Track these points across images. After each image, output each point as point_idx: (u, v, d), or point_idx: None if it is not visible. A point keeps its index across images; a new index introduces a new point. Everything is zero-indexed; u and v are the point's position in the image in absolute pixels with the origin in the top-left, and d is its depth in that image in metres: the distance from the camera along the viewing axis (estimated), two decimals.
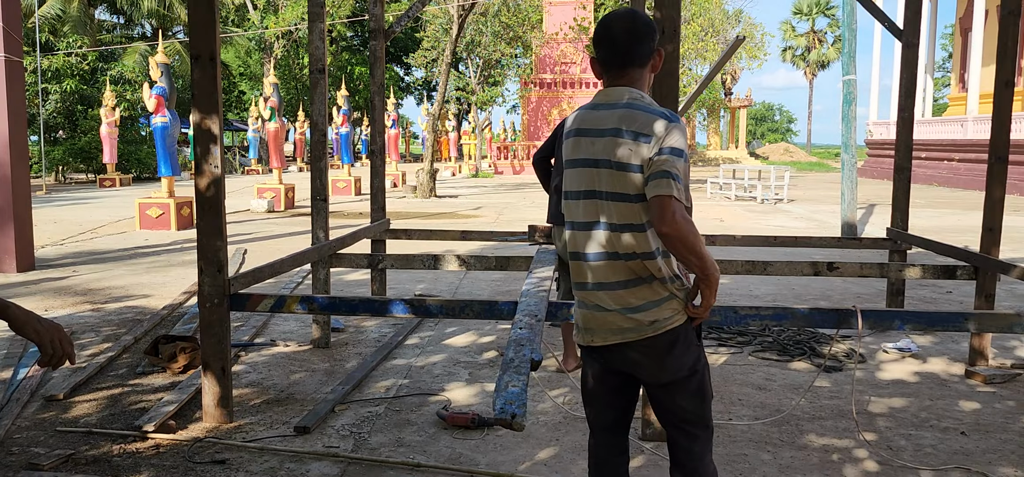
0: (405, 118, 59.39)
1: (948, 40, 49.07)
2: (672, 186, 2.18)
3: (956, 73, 29.25)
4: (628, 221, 2.28)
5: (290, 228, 12.98)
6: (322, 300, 4.08)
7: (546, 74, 34.53)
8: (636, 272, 2.31)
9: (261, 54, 39.14)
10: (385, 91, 27.03)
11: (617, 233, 2.30)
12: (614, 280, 2.34)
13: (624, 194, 2.27)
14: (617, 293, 2.34)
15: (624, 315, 2.33)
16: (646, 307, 2.32)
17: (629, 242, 2.29)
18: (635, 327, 2.33)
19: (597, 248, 2.35)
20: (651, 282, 2.31)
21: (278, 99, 17.44)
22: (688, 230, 2.20)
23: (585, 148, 2.35)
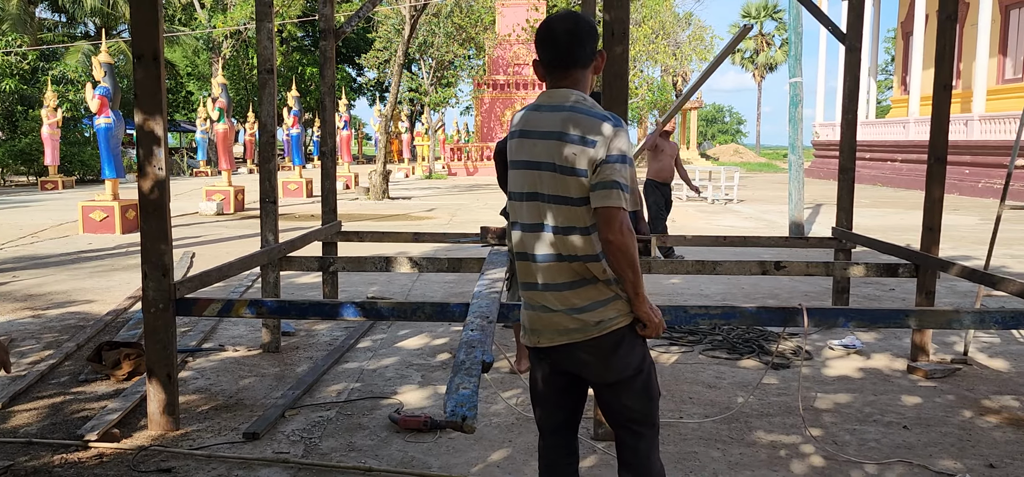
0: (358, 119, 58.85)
1: (891, 43, 50.36)
2: (621, 197, 2.21)
3: (898, 76, 30.04)
4: (572, 224, 2.29)
5: (240, 230, 12.77)
6: (271, 304, 4.02)
7: (499, 75, 34.55)
8: (580, 273, 2.33)
9: (209, 54, 38.45)
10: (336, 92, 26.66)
11: (562, 235, 2.31)
12: (560, 281, 2.35)
13: (568, 197, 2.27)
14: (563, 294, 2.35)
15: (570, 316, 2.35)
16: (591, 307, 2.33)
17: (574, 244, 2.30)
18: (581, 328, 2.34)
19: (543, 249, 2.36)
20: (595, 283, 2.33)
21: (227, 100, 17.15)
22: (632, 243, 2.25)
23: (527, 150, 2.35)
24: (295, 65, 42.31)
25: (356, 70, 52.33)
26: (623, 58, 3.73)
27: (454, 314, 3.87)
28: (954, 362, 5.19)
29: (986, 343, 5.71)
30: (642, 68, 29.14)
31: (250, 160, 34.30)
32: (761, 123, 70.03)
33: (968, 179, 21.16)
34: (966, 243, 11.38)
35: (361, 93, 56.82)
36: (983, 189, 20.28)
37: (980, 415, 4.24)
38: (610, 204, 2.21)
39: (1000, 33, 23.02)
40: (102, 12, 34.24)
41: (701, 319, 3.77)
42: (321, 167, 6.53)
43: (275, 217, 5.42)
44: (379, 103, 41.14)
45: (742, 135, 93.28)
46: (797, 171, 11.73)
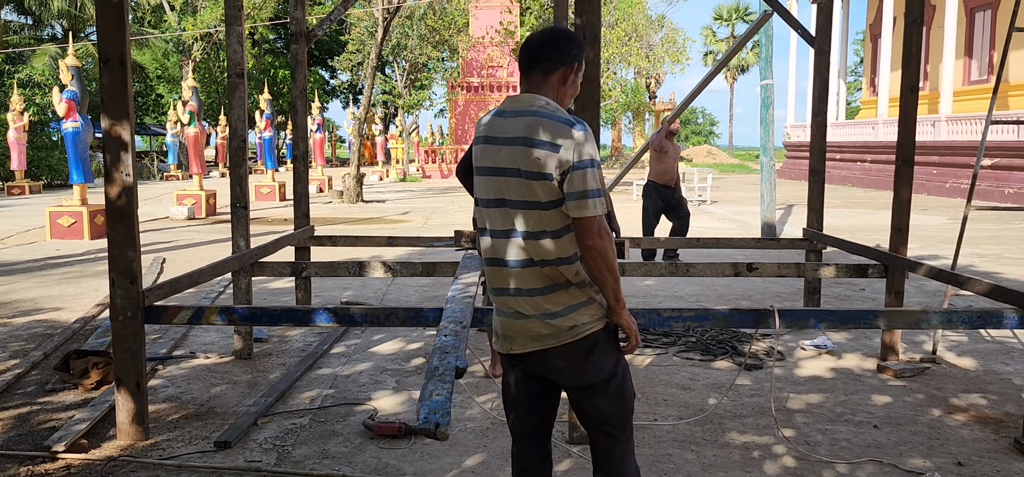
0: (331, 121, 58.54)
1: (860, 45, 51.02)
2: (597, 204, 2.23)
3: (867, 77, 30.43)
4: (542, 228, 2.28)
5: (212, 235, 12.63)
6: (243, 311, 3.98)
7: (473, 77, 34.55)
8: (552, 278, 2.33)
9: (179, 56, 38.01)
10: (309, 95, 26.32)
11: (532, 240, 2.30)
12: (532, 286, 2.35)
13: (536, 201, 2.26)
14: (535, 299, 2.35)
15: (542, 321, 2.35)
16: (564, 312, 2.33)
17: (545, 248, 2.30)
18: (553, 333, 2.34)
19: (514, 255, 2.35)
20: (568, 287, 2.33)
21: (197, 103, 16.98)
22: (611, 248, 2.26)
23: (491, 156, 2.34)
24: (267, 67, 42.00)
25: (329, 72, 52.08)
26: (595, 62, 3.73)
27: (428, 319, 3.85)
28: (923, 361, 5.26)
29: (954, 342, 5.80)
30: (615, 70, 29.26)
31: (222, 163, 34.00)
32: (733, 124, 70.70)
33: (936, 179, 21.48)
34: (935, 242, 11.55)
35: (334, 95, 56.56)
36: (950, 189, 20.60)
37: (949, 413, 4.30)
38: (587, 213, 2.22)
39: (966, 35, 23.41)
40: (69, 14, 33.76)
41: (674, 321, 3.79)
42: (293, 172, 6.48)
43: (246, 222, 5.37)
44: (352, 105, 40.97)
45: (715, 136, 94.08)
46: (769, 173, 11.84)
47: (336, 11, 6.53)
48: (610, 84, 27.75)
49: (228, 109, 5.32)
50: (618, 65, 28.94)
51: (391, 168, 34.15)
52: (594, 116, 3.77)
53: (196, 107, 16.86)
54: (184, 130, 18.46)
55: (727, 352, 5.47)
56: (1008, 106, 20.48)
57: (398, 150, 35.47)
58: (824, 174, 6.48)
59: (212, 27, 32.22)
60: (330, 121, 58.31)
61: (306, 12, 6.59)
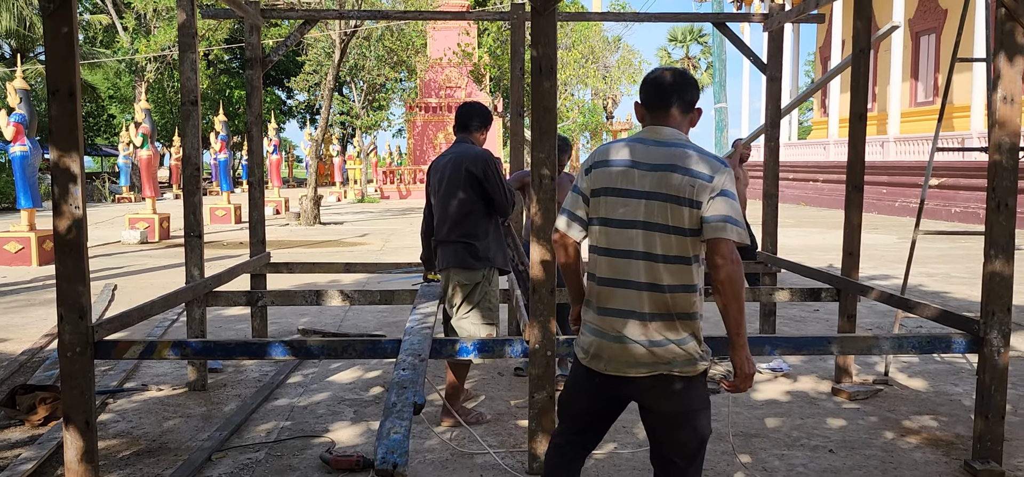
0: (288, 141, 57.95)
1: (811, 67, 52.17)
2: (736, 231, 2.40)
3: (818, 99, 31.10)
4: (679, 253, 2.44)
5: (165, 260, 12.40)
6: (196, 344, 3.91)
7: (431, 98, 34.53)
8: (671, 306, 2.45)
9: (132, 76, 37.33)
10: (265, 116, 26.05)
11: (663, 263, 2.44)
12: (649, 310, 2.46)
13: (679, 227, 2.42)
14: (647, 324, 2.46)
15: (648, 348, 2.46)
16: (667, 343, 2.46)
17: (675, 272, 2.45)
18: (654, 362, 2.47)
19: (637, 276, 2.46)
20: (682, 319, 2.47)
21: (151, 125, 16.69)
22: (740, 273, 2.40)
23: (632, 179, 2.48)
24: (223, 88, 41.38)
25: (286, 93, 51.55)
26: (551, 92, 3.75)
27: (385, 351, 3.82)
28: (876, 383, 5.36)
29: (905, 363, 5.92)
30: (573, 91, 29.49)
31: (176, 185, 33.39)
32: None
33: (885, 198, 21.99)
34: (886, 262, 11.80)
35: (291, 116, 55.94)
36: (900, 208, 21.10)
37: (901, 436, 4.39)
38: (723, 235, 2.39)
39: (912, 58, 24.08)
40: (17, 34, 32.95)
41: None
42: (249, 197, 6.39)
43: (201, 251, 5.27)
44: (310, 126, 40.66)
45: None
46: None
47: (292, 37, 6.48)
48: (568, 105, 27.92)
49: (182, 136, 5.24)
50: (575, 86, 29.15)
51: (349, 189, 33.90)
52: (552, 145, 3.79)
53: (149, 129, 16.58)
54: (137, 152, 18.12)
55: None
56: (953, 127, 21.08)
57: (356, 171, 35.25)
58: (778, 197, 6.60)
59: (166, 49, 31.71)
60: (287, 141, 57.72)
61: (263, 35, 6.53)
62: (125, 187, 29.00)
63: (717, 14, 6.84)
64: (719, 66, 11.28)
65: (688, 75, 2.59)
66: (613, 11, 44.35)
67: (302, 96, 38.64)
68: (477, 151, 4.46)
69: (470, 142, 4.57)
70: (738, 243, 2.43)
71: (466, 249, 4.41)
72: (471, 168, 4.36)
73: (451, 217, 4.44)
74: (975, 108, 19.66)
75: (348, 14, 6.87)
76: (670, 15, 6.92)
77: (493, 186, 4.39)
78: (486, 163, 4.38)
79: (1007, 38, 3.55)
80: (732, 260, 2.39)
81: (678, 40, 63.80)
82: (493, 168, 4.39)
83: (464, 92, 33.77)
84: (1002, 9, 3.54)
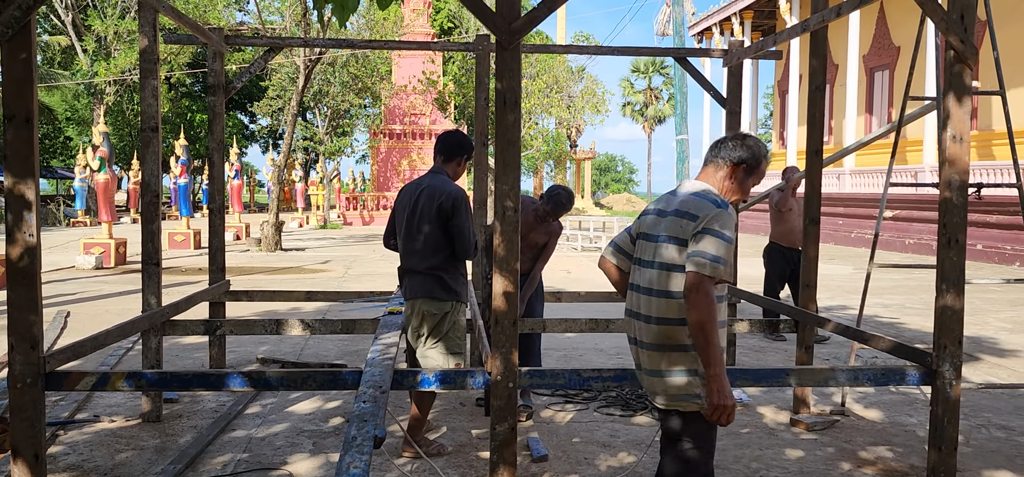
0: (250, 166, 57.44)
1: (769, 99, 53.22)
2: (706, 265, 2.58)
3: (776, 131, 31.70)
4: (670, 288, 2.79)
5: (121, 286, 12.15)
6: (151, 376, 3.83)
7: (396, 125, 34.51)
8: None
9: (91, 99, 36.76)
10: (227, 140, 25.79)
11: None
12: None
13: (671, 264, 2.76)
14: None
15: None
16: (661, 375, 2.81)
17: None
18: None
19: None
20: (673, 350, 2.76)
21: (109, 148, 16.44)
22: (708, 309, 2.58)
23: (651, 225, 2.92)
24: (184, 111, 40.96)
25: (248, 117, 51.17)
26: (515, 125, 3.78)
27: (346, 382, 3.78)
28: (833, 413, 5.44)
29: (861, 394, 6.01)
30: (537, 120, 29.70)
31: (133, 209, 32.86)
32: (652, 173, 72.48)
33: (842, 229, 22.42)
34: (842, 292, 12.01)
35: (254, 140, 55.53)
36: (856, 239, 21.52)
37: (858, 467, 4.45)
38: (693, 269, 2.59)
39: (866, 93, 24.69)
40: None
41: (594, 381, 3.82)
42: (210, 224, 6.32)
43: (158, 279, 5.19)
44: (272, 151, 40.28)
45: (634, 183, 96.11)
46: None
47: (256, 64, 6.45)
48: (532, 133, 28.12)
49: (141, 162, 5.17)
50: (540, 115, 29.38)
51: (311, 215, 33.66)
52: (515, 178, 3.80)
53: (107, 153, 16.33)
54: (94, 175, 17.81)
55: (647, 407, 5.54)
56: (907, 161, 21.61)
57: (318, 196, 35.04)
58: (738, 229, 6.69)
59: (126, 73, 31.28)
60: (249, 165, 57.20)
61: (226, 60, 6.47)
62: (81, 211, 28.49)
63: (679, 49, 6.95)
64: (681, 98, 11.46)
65: (742, 136, 2.96)
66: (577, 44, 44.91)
67: (265, 121, 38.38)
68: (452, 189, 4.42)
69: (446, 175, 4.55)
70: (713, 277, 2.57)
71: (436, 281, 4.40)
72: (444, 204, 4.34)
73: (421, 249, 4.42)
74: (927, 142, 20.19)
75: (313, 42, 6.87)
76: (633, 49, 7.01)
77: (458, 230, 4.36)
78: (456, 204, 4.35)
79: (955, 79, 3.66)
80: (697, 291, 2.56)
81: (641, 71, 64.71)
82: (463, 212, 4.37)
83: (429, 119, 33.81)
84: (951, 51, 3.66)
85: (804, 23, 5.06)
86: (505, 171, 3.78)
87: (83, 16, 35.05)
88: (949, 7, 3.67)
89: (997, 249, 17.03)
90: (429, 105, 32.73)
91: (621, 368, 3.84)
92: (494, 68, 3.91)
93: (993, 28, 5.23)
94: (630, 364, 6.69)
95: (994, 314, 9.93)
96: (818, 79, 5.29)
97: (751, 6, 28.52)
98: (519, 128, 3.87)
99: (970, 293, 9.79)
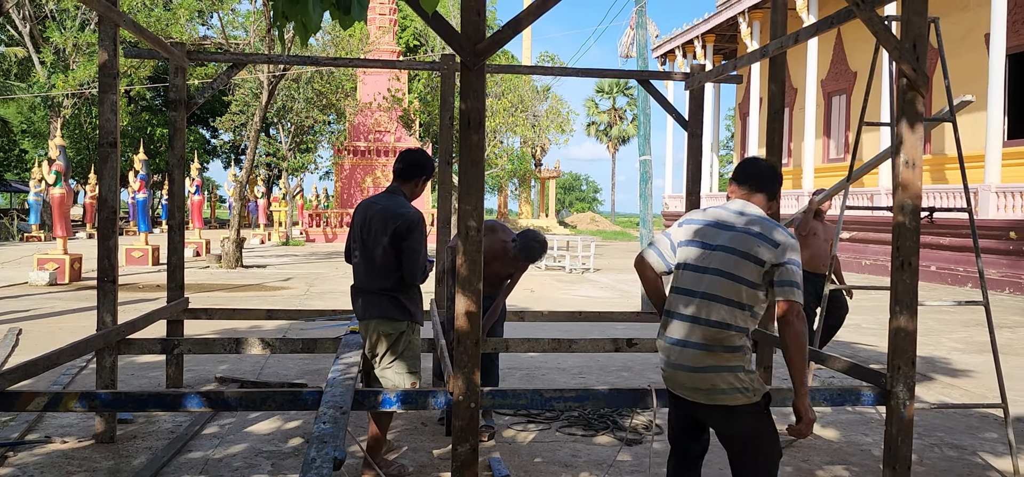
0: (211, 181, 56.73)
1: (731, 121, 54.05)
2: (799, 293, 2.94)
3: (738, 152, 32.18)
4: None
5: (76, 303, 11.90)
6: (105, 396, 3.76)
7: (360, 141, 34.37)
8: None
9: (48, 111, 36.05)
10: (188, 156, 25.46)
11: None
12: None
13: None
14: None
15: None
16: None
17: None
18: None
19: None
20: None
21: (65, 162, 16.13)
22: (798, 329, 3.01)
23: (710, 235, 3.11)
24: (144, 125, 40.30)
25: (210, 131, 50.57)
26: (479, 146, 3.79)
27: (306, 403, 3.74)
28: (791, 432, 5.50)
29: (818, 413, 6.09)
30: (502, 139, 29.81)
31: (90, 223, 32.23)
32: (615, 192, 73.09)
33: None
34: None
35: (215, 155, 54.86)
36: None
37: None
38: (793, 299, 2.94)
39: (824, 117, 25.19)
40: None
41: (556, 402, 3.83)
42: (169, 240, 6.23)
43: (114, 297, 5.09)
44: (234, 166, 39.86)
45: (598, 203, 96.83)
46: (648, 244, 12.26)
47: (218, 80, 6.39)
48: (497, 152, 28.21)
49: (99, 178, 5.08)
50: (505, 134, 29.50)
51: (273, 231, 33.32)
52: (479, 200, 3.81)
53: (63, 167, 16.02)
54: (49, 189, 17.46)
55: (608, 426, 5.56)
56: (863, 183, 22.05)
57: (281, 213, 34.70)
58: None
59: (84, 86, 30.72)
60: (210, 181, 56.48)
61: (188, 74, 6.41)
62: (35, 225, 27.86)
63: (642, 72, 7.05)
64: (644, 120, 11.64)
65: (771, 167, 3.27)
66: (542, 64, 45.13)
67: (227, 136, 37.94)
68: (407, 211, 4.34)
69: (403, 196, 4.47)
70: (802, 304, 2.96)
71: (391, 302, 4.36)
72: (399, 228, 4.27)
73: (376, 269, 4.37)
74: (883, 165, 20.64)
75: (277, 59, 6.82)
76: (597, 71, 7.09)
77: (408, 253, 4.30)
78: (411, 227, 4.28)
79: (908, 107, 3.76)
80: (799, 318, 2.94)
81: (606, 91, 65.31)
82: (417, 235, 4.30)
83: (393, 137, 33.73)
84: (903, 79, 3.76)
85: (763, 49, 5.16)
86: (468, 192, 3.78)
87: (41, 27, 34.44)
88: (902, 36, 3.78)
89: (950, 270, 17.44)
90: (394, 122, 32.65)
91: (583, 389, 3.85)
92: (459, 87, 3.93)
93: (944, 56, 5.38)
94: (592, 383, 6.72)
95: (947, 334, 10.15)
96: (777, 103, 5.39)
97: (713, 30, 28.98)
98: (483, 149, 3.88)
99: (924, 314, 10.01)
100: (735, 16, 26.75)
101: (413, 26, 37.00)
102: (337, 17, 2.55)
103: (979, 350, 9.11)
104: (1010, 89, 18.11)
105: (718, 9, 28.45)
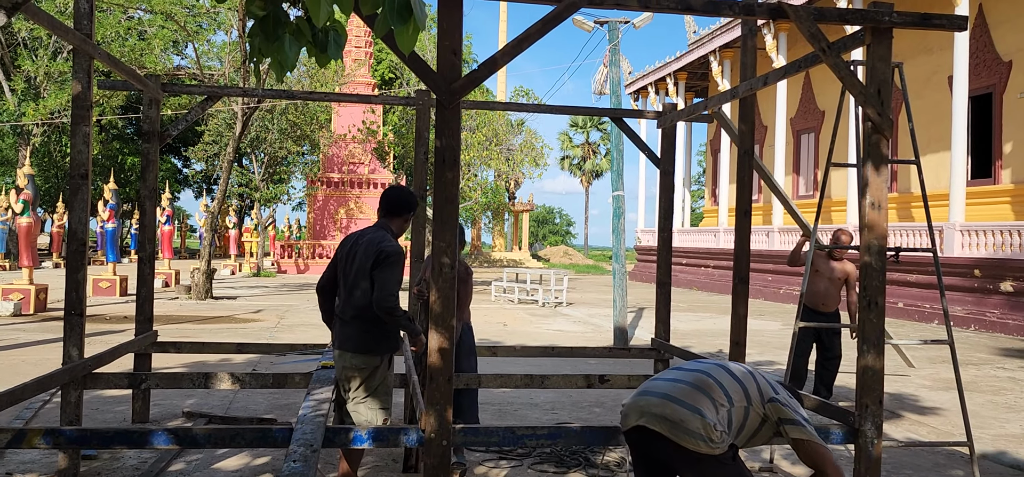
0: (182, 210, 56.13)
1: (703, 156, 54.69)
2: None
3: (709, 188, 32.57)
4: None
5: (41, 334, 11.68)
6: (71, 433, 3.69)
7: (334, 173, 34.26)
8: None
9: (17, 139, 35.55)
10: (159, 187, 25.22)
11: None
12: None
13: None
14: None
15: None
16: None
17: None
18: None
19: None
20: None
21: (33, 191, 15.91)
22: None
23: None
24: (115, 154, 39.91)
25: (182, 161, 50.17)
26: (454, 183, 3.82)
27: (276, 440, 3.71)
28: (762, 470, 5.54)
29: (789, 451, 6.13)
30: (476, 173, 29.89)
31: (56, 253, 31.71)
32: (589, 225, 73.42)
33: (771, 285, 23.01)
34: (771, 348, 12.29)
35: (187, 185, 54.39)
36: (784, 295, 22.10)
37: None
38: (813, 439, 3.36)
39: (793, 154, 25.61)
40: None
41: (529, 439, 3.83)
42: (138, 272, 6.16)
43: (81, 330, 5.02)
44: (206, 196, 39.52)
45: (571, 236, 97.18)
46: (621, 279, 12.33)
47: (193, 112, 6.37)
48: (471, 185, 28.25)
49: (69, 210, 5.03)
50: (479, 167, 29.58)
51: (244, 262, 33.00)
52: (453, 235, 3.83)
53: (31, 196, 15.80)
54: (16, 219, 17.19)
55: (580, 463, 5.55)
56: (831, 220, 22.38)
57: (252, 243, 34.39)
58: (670, 286, 6.83)
59: (55, 114, 30.33)
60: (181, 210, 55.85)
61: (162, 105, 6.38)
62: (0, 254, 27.36)
63: (615, 109, 7.14)
64: (617, 155, 11.77)
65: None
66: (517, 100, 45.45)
67: (199, 165, 37.64)
68: (389, 244, 4.39)
69: (389, 230, 4.53)
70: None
71: (368, 335, 4.36)
72: (379, 258, 4.32)
73: (356, 301, 4.38)
74: (851, 202, 20.97)
75: (252, 92, 6.82)
76: (570, 108, 7.16)
77: (381, 279, 4.31)
78: (389, 258, 4.32)
79: (874, 150, 3.85)
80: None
81: (579, 126, 65.88)
82: (393, 266, 4.34)
83: (367, 169, 33.69)
84: (869, 123, 3.85)
85: (733, 90, 5.26)
86: (443, 228, 3.81)
87: (13, 55, 34.07)
88: (867, 81, 3.88)
89: (917, 307, 17.70)
90: (368, 154, 32.64)
91: (556, 425, 3.86)
92: (434, 123, 3.96)
93: (908, 99, 5.52)
94: (564, 419, 6.72)
95: (915, 371, 10.28)
96: (747, 143, 5.49)
97: (685, 68, 29.42)
98: (457, 185, 3.91)
99: (891, 352, 10.13)
100: (706, 55, 27.19)
101: (389, 59, 37.08)
102: (314, 54, 2.58)
103: (946, 387, 9.23)
104: (973, 130, 18.54)
105: (690, 48, 28.92)
